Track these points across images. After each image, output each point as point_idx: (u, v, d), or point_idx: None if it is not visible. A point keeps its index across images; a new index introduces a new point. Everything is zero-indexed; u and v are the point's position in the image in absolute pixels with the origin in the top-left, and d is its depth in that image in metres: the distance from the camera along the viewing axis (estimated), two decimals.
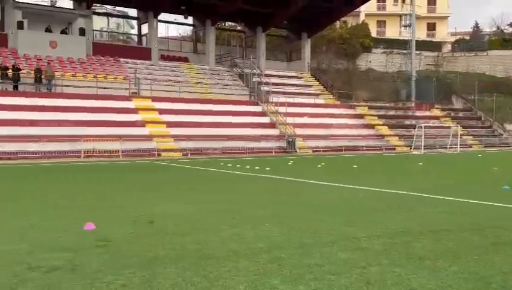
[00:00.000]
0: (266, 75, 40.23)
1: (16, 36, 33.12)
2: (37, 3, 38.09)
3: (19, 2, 34.14)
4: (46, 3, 39.57)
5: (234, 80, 40.63)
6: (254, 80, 39.09)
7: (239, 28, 49.80)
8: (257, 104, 36.91)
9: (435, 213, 8.18)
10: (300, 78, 44.80)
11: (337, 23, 52.79)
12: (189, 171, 18.05)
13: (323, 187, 12.34)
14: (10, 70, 29.49)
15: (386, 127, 39.98)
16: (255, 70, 40.08)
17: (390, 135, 38.85)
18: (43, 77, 30.44)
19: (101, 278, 4.48)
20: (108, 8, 45.95)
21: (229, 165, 20.27)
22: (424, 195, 10.46)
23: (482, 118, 47.53)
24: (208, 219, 7.54)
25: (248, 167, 19.19)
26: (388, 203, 9.37)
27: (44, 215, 7.92)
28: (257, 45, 44.13)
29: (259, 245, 5.75)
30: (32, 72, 30.51)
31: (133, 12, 43.30)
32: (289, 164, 21.72)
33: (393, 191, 11.24)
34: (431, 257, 5.22)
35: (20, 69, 29.85)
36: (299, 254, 5.33)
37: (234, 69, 41.72)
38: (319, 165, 20.26)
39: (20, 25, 33.27)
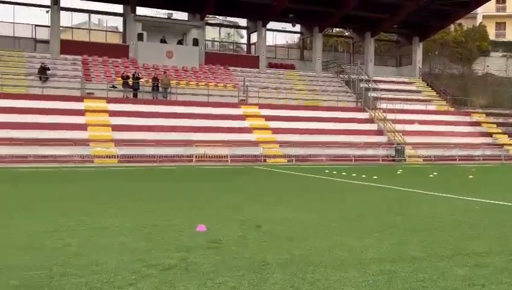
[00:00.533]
0: (374, 81, 39.28)
1: (136, 47, 35.61)
2: (155, 15, 40.64)
3: (139, 16, 36.70)
4: (163, 16, 42.02)
5: (340, 86, 40.18)
6: (361, 86, 38.36)
7: (347, 33, 49.20)
8: (364, 111, 36.16)
9: None
10: (411, 83, 43.17)
11: (451, 26, 50.09)
12: (294, 178, 18.13)
13: (435, 198, 11.74)
14: (130, 79, 31.76)
15: (506, 135, 37.12)
16: (362, 76, 39.33)
17: (510, 144, 36.02)
18: (159, 85, 32.40)
19: (213, 278, 4.64)
20: (220, 18, 47.78)
21: (334, 172, 20.04)
22: None
23: None
24: (314, 226, 7.51)
25: (354, 175, 18.83)
26: (509, 217, 8.67)
27: (161, 215, 8.38)
28: (365, 50, 43.31)
29: (368, 256, 5.61)
30: (150, 80, 32.60)
31: (243, 22, 44.63)
32: (398, 173, 20.97)
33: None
34: None
35: (139, 78, 32.04)
36: (411, 268, 5.12)
37: (341, 75, 41.27)
38: (431, 175, 19.32)
39: (140, 37, 35.74)
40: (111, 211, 8.85)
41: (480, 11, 55.45)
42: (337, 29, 49.86)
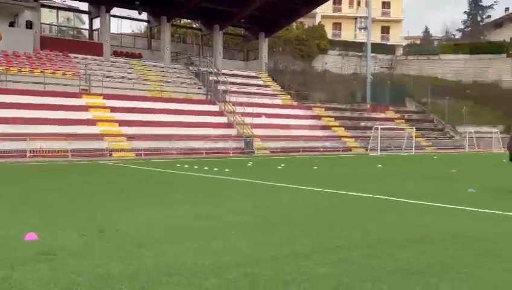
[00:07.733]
0: (223, 74, 39.49)
1: None
2: None
3: None
4: None
5: (190, 78, 39.68)
6: (211, 78, 38.28)
7: (195, 25, 48.82)
8: (214, 104, 36.12)
9: (410, 219, 7.78)
10: (258, 78, 44.32)
11: (294, 24, 52.61)
12: (140, 173, 17.11)
13: (286, 189, 11.80)
14: None
15: (343, 128, 40.05)
16: (211, 69, 39.25)
17: (346, 136, 38.94)
18: None
19: None
20: (58, 1, 43.96)
21: (186, 166, 19.45)
22: (392, 199, 10.09)
23: (435, 121, 48.51)
24: (166, 228, 6.82)
25: (206, 168, 18.46)
26: (358, 207, 8.92)
27: None
28: (214, 44, 43.30)
29: (226, 259, 5.09)
30: None
31: (84, 6, 41.53)
32: (248, 165, 21.11)
33: (359, 194, 10.83)
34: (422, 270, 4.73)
35: None
36: (273, 268, 4.71)
37: (190, 67, 40.75)
38: (279, 167, 19.76)
39: None
40: None
41: (319, 10, 59.19)
42: (187, 20, 49.19)
